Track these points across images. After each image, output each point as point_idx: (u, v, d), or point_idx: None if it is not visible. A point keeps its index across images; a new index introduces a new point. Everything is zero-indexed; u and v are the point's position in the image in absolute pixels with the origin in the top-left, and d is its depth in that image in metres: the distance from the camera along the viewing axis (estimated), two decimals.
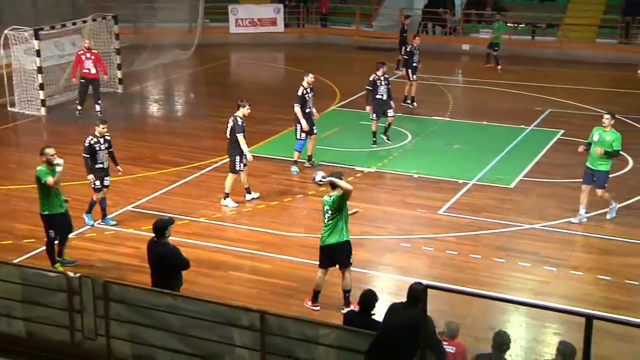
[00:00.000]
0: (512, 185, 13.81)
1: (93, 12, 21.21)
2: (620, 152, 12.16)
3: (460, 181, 13.89)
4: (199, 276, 10.49)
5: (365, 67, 24.08)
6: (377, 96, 15.64)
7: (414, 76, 18.87)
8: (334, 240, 9.32)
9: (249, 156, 12.64)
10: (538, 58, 25.16)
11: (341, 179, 9.40)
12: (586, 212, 12.17)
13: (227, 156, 13.05)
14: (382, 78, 15.64)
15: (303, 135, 14.19)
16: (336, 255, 9.43)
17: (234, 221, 12.37)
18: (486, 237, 11.68)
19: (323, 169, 11.75)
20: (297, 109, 14.00)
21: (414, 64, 18.88)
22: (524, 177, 14.22)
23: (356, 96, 19.77)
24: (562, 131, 16.93)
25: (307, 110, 14.19)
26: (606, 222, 12.16)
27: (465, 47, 27.15)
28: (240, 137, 12.51)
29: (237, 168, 12.70)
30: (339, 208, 9.26)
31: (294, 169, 14.39)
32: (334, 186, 9.38)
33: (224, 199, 12.86)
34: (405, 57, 19.10)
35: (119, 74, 20.87)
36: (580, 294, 10.08)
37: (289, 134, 16.98)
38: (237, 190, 12.96)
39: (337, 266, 9.53)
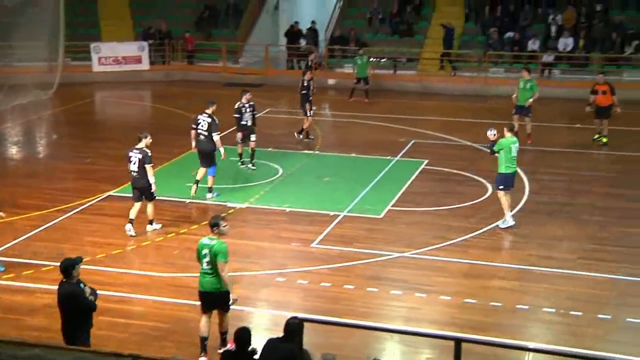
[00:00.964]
0: (381, 215, 14.18)
1: None
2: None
3: (332, 213, 14.12)
4: None
5: (233, 103, 24.14)
6: (242, 122, 16.26)
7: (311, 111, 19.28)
8: (213, 287, 9.06)
9: (154, 187, 12.97)
10: (401, 91, 26.15)
11: (221, 223, 9.12)
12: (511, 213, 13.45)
13: (90, 198, 12.74)
14: (246, 105, 16.33)
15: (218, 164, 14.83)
16: (216, 301, 9.20)
17: (103, 264, 11.96)
18: (359, 268, 11.91)
19: (192, 206, 11.57)
20: (216, 137, 14.63)
21: (310, 98, 19.28)
22: (392, 206, 14.64)
23: (225, 132, 19.76)
24: (426, 161, 17.62)
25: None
26: (469, 247, 12.69)
27: (331, 81, 27.79)
28: (148, 167, 12.81)
29: (155, 195, 13.08)
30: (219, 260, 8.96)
31: (210, 195, 14.82)
32: (213, 227, 9.13)
33: (150, 225, 13.23)
34: (303, 92, 19.41)
35: None
36: (449, 318, 10.45)
37: (157, 172, 16.72)
38: (140, 220, 12.57)
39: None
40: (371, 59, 25.70)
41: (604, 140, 18.71)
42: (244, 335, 7.55)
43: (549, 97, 23.79)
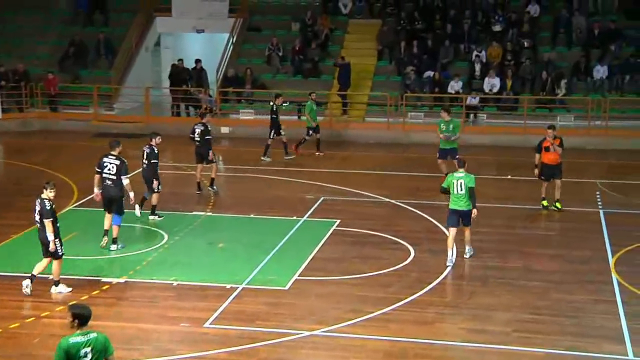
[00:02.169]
0: (286, 287, 14.20)
1: None
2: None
3: (228, 286, 14.05)
4: None
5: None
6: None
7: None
8: None
9: (52, 245, 13.30)
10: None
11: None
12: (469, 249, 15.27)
13: None
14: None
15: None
16: None
17: None
18: (263, 350, 11.84)
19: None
20: (126, 181, 15.60)
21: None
22: (299, 276, 14.69)
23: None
24: (338, 221, 17.84)
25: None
26: (390, 322, 12.83)
27: (225, 130, 27.96)
28: (47, 222, 13.20)
29: (60, 252, 13.49)
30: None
31: (114, 247, 15.68)
32: (85, 320, 8.44)
33: (56, 286, 13.57)
34: (204, 138, 19.87)
35: None
36: None
37: (12, 243, 16.29)
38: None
39: None
40: (317, 105, 25.46)
41: (558, 205, 18.59)
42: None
43: (476, 145, 24.77)
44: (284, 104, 24.84)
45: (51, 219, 13.28)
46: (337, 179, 21.76)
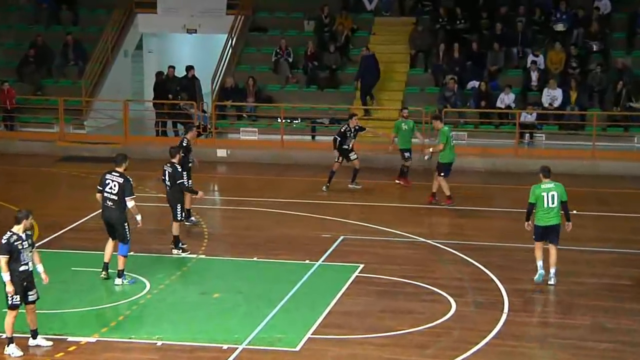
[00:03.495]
0: (297, 348, 14.15)
1: None
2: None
3: (225, 346, 14.02)
4: None
5: (75, 185, 23.99)
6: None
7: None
8: None
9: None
10: (321, 164, 26.54)
11: None
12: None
13: None
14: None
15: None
16: None
17: None
18: None
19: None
20: (131, 203, 16.31)
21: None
22: (313, 334, 14.63)
23: (63, 230, 19.58)
24: (362, 265, 17.81)
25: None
26: None
27: (222, 153, 27.98)
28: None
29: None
30: None
31: (120, 281, 16.41)
32: None
33: (7, 346, 13.60)
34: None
35: None
36: None
37: None
38: None
39: None
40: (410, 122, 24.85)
41: None
42: None
43: (532, 172, 24.63)
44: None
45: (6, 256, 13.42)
46: (360, 214, 21.75)
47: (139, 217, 16.55)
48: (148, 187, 23.67)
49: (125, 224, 16.47)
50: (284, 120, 28.22)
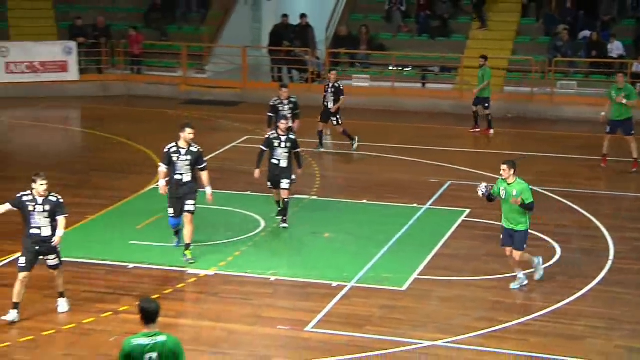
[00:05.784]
0: (404, 287, 14.15)
1: None
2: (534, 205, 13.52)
3: (335, 284, 14.10)
4: None
5: (196, 127, 24.23)
6: (273, 160, 16.30)
7: None
8: None
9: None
10: (431, 112, 26.33)
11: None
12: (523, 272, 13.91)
13: None
14: (282, 138, 16.38)
15: (170, 210, 14.91)
16: None
17: (7, 358, 11.90)
18: None
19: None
20: (205, 174, 14.96)
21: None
22: (419, 275, 14.61)
23: None
24: (468, 210, 17.67)
25: (177, 177, 14.84)
26: (530, 334, 12.67)
27: None
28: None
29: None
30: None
31: (186, 254, 14.93)
32: (150, 317, 8.36)
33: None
34: (271, 114, 19.73)
35: None
36: None
37: (88, 225, 16.76)
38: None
39: None
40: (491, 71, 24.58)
41: None
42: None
43: None
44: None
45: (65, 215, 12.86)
46: (467, 160, 21.52)
47: (209, 190, 14.98)
48: (261, 129, 23.81)
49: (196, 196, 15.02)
50: (395, 68, 28.07)
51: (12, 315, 12.69)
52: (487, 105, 24.14)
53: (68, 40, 29.20)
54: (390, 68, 28.02)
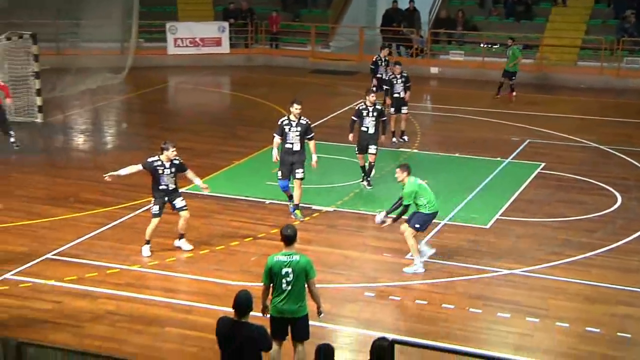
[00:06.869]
0: (488, 226, 13.97)
1: (6, 29, 20.87)
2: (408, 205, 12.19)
3: None
4: (131, 333, 10.33)
5: (321, 92, 24.35)
6: (362, 128, 15.81)
7: (394, 109, 18.81)
8: (294, 312, 8.75)
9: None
10: (515, 82, 25.65)
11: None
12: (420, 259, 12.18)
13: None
14: (369, 108, 15.70)
15: (279, 173, 14.09)
16: (296, 329, 8.89)
17: (173, 269, 12.24)
18: (460, 284, 11.76)
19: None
20: (312, 142, 14.12)
21: (395, 95, 18.88)
22: (501, 215, 14.41)
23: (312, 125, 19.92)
24: (543, 164, 17.26)
25: (288, 145, 14.06)
26: (592, 267, 12.34)
27: (434, 70, 27.62)
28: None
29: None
30: (303, 275, 8.68)
31: (296, 214, 14.16)
32: (289, 240, 8.75)
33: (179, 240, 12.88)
34: (387, 87, 19.30)
35: (38, 101, 20.64)
36: (566, 349, 10.18)
37: (234, 169, 17.04)
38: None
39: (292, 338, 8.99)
40: (521, 50, 24.66)
41: None
42: (326, 356, 7.35)
43: None
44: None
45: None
46: (544, 122, 20.96)
47: (315, 157, 14.19)
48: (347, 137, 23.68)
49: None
50: (485, 46, 27.52)
51: (146, 250, 12.64)
52: (513, 77, 23.53)
53: (222, 21, 29.53)
54: (482, 45, 27.46)
